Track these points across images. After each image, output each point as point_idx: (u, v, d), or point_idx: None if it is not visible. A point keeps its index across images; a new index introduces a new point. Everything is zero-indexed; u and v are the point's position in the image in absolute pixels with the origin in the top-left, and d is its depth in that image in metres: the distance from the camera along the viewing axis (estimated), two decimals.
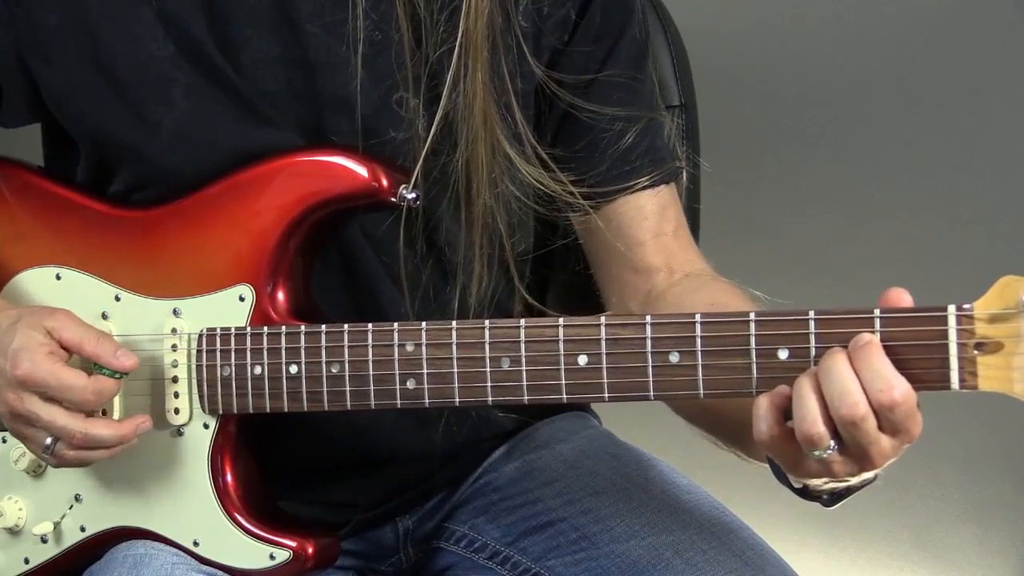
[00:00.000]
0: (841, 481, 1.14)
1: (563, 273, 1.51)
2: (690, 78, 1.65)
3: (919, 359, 1.07)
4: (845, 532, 2.51)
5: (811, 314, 1.11)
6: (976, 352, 1.06)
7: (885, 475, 1.14)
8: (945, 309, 1.07)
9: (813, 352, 1.10)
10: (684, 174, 1.46)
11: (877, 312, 1.08)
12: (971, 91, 2.38)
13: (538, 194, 1.37)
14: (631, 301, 1.41)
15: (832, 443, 1.09)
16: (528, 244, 1.46)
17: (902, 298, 1.10)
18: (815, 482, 1.15)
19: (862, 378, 1.07)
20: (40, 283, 1.40)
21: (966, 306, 1.07)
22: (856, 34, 2.41)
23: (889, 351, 1.07)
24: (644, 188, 1.40)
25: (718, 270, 1.42)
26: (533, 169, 1.35)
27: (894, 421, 1.07)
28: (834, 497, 1.19)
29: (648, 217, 1.41)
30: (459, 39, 1.30)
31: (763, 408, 1.11)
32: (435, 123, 1.31)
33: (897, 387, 1.06)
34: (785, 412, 1.11)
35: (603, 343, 1.17)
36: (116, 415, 1.33)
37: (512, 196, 1.36)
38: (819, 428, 1.08)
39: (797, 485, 1.18)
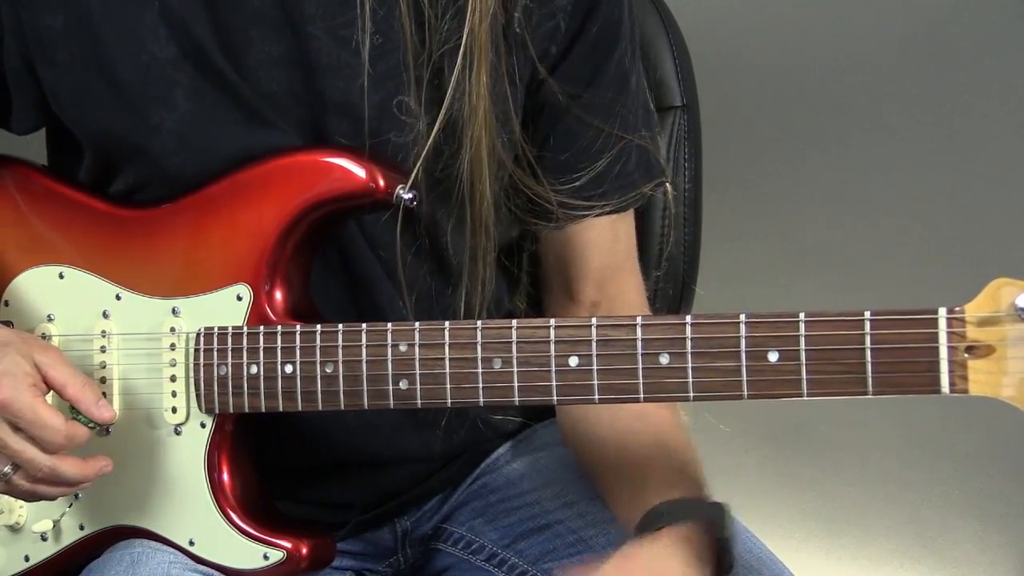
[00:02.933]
0: None
1: None
2: (692, 78, 1.65)
3: (909, 362, 1.07)
4: (846, 529, 2.50)
5: (801, 316, 1.10)
6: (967, 356, 1.05)
7: (885, 473, 1.13)
8: (936, 311, 1.06)
9: (803, 355, 1.10)
10: (673, 177, 1.46)
11: (867, 315, 1.08)
12: (971, 91, 2.37)
13: (518, 197, 1.38)
14: (572, 315, 1.44)
15: None
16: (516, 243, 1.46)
17: None
18: None
19: None
20: (43, 282, 1.40)
21: (957, 309, 1.06)
22: (857, 34, 2.41)
23: (879, 354, 1.07)
24: (605, 214, 1.41)
25: (718, 270, 1.42)
26: (522, 173, 1.35)
27: None
28: None
29: (601, 243, 1.43)
30: (464, 39, 1.30)
31: None
32: (437, 123, 1.31)
33: None
34: None
35: (594, 344, 1.17)
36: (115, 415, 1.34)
37: (501, 200, 1.36)
38: None
39: None
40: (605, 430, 1.36)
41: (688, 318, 1.14)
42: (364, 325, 1.25)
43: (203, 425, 1.33)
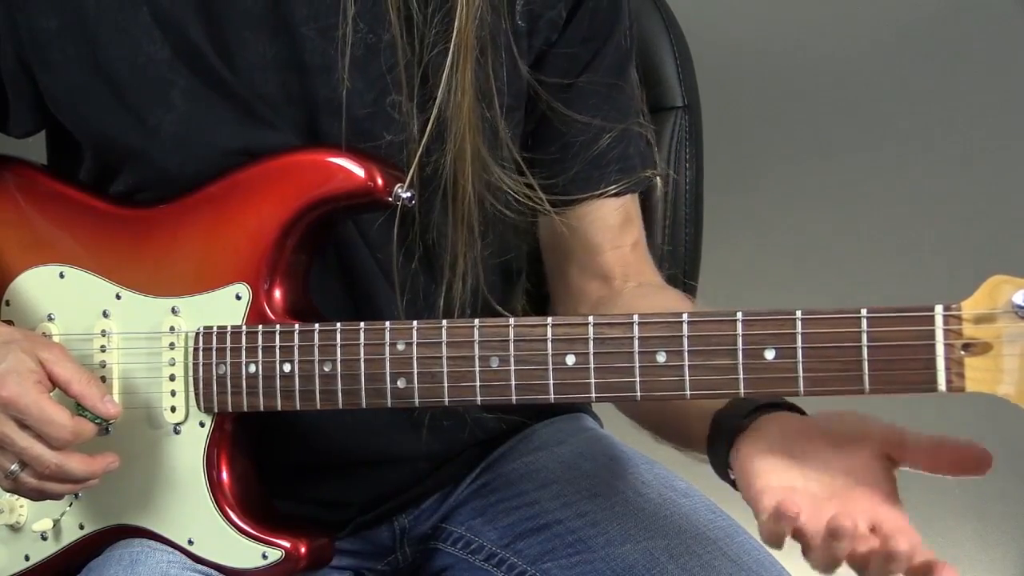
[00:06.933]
0: None
1: None
2: (693, 79, 1.65)
3: (906, 360, 1.06)
4: None
5: (798, 314, 1.10)
6: (963, 353, 1.04)
7: None
8: (932, 309, 1.06)
9: (800, 353, 1.09)
10: (674, 177, 1.46)
11: (864, 312, 1.07)
12: (971, 91, 2.37)
13: (506, 196, 1.37)
14: (582, 305, 1.43)
15: None
16: (518, 241, 1.46)
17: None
18: None
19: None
20: (44, 281, 1.40)
21: (954, 306, 1.05)
22: (858, 35, 2.41)
23: (875, 352, 1.06)
24: (611, 196, 1.41)
25: (720, 269, 1.43)
26: (503, 171, 1.35)
27: None
28: None
29: (611, 227, 1.42)
30: (453, 38, 1.30)
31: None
32: (430, 123, 1.31)
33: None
34: None
35: (591, 342, 1.16)
36: None
37: (486, 197, 1.36)
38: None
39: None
40: None
41: (685, 316, 1.13)
42: (362, 324, 1.25)
43: (202, 424, 1.33)
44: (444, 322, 1.22)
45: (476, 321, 1.21)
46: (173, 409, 1.33)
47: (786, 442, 1.14)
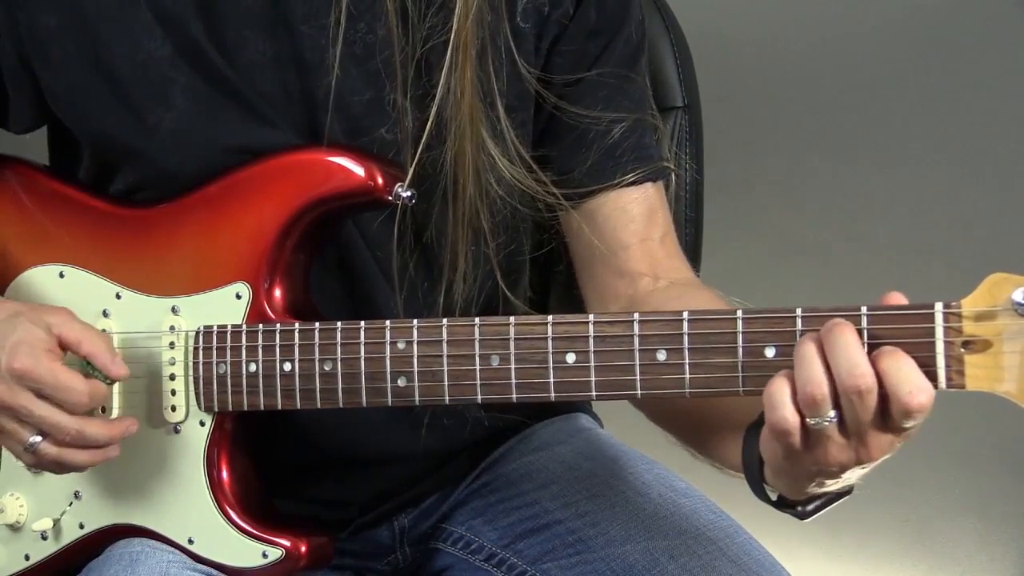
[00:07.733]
0: (818, 487, 1.12)
1: (565, 272, 1.50)
2: (694, 79, 1.65)
3: None
4: (846, 528, 2.50)
5: (798, 312, 1.10)
6: (963, 351, 1.04)
7: (885, 470, 1.12)
8: (932, 306, 1.06)
9: None
10: (675, 178, 1.45)
11: (864, 310, 1.07)
12: (971, 91, 2.38)
13: (522, 193, 1.37)
14: (612, 305, 1.41)
15: (832, 412, 1.05)
16: (521, 244, 1.45)
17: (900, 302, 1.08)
18: None
19: (887, 379, 1.04)
20: (44, 281, 1.40)
21: (953, 304, 1.05)
22: (857, 35, 2.41)
23: (875, 350, 1.06)
24: (629, 185, 1.39)
25: (720, 269, 1.42)
26: (513, 168, 1.35)
27: (913, 423, 1.05)
28: (809, 508, 1.16)
29: (634, 220, 1.40)
30: (452, 36, 1.30)
31: (785, 395, 1.07)
32: (429, 122, 1.31)
33: (925, 391, 1.04)
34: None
35: (591, 340, 1.16)
36: (115, 413, 1.33)
37: (496, 195, 1.36)
38: (823, 390, 1.04)
39: (773, 496, 1.16)
40: None
41: (685, 314, 1.13)
42: (362, 323, 1.25)
43: (202, 423, 1.33)
44: (444, 321, 1.22)
45: (476, 320, 1.21)
46: (173, 408, 1.33)
47: None
